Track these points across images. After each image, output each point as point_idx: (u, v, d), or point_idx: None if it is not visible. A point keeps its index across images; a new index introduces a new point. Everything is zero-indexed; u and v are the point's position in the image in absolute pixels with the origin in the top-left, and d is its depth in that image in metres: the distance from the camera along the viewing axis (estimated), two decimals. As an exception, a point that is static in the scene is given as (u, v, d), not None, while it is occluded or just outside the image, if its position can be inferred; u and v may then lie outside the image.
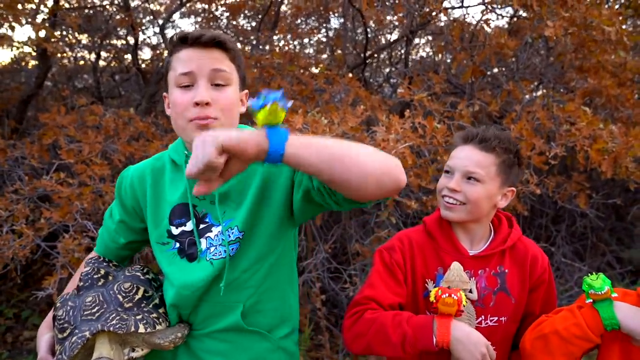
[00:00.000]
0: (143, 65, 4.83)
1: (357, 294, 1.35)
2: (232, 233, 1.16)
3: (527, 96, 3.33)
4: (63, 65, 5.08)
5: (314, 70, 3.81)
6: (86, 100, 3.48)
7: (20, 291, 3.74)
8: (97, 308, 1.13)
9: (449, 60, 3.91)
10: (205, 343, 1.20)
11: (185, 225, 1.18)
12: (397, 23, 3.98)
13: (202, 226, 1.18)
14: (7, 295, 3.75)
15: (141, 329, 1.11)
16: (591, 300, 1.15)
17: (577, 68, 3.62)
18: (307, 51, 5.18)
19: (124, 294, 1.17)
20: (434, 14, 2.79)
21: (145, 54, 5.45)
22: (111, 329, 1.09)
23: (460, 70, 3.42)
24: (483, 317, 1.31)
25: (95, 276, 1.20)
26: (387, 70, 4.93)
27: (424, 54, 5.12)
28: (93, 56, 4.88)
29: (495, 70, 4.01)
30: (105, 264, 1.28)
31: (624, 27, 4.90)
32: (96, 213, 2.65)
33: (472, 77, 3.12)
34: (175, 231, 1.19)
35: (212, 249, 1.17)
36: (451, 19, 3.38)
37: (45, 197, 2.89)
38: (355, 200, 0.99)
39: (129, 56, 5.06)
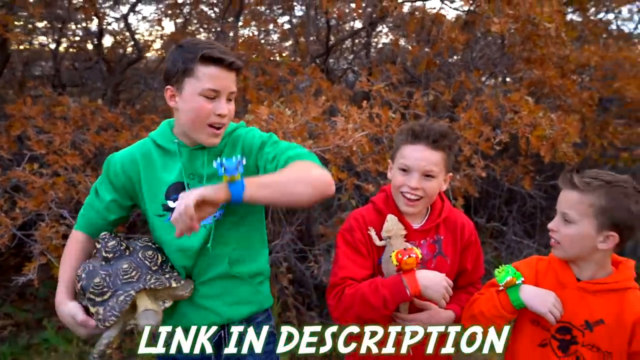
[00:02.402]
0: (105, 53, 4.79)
1: (331, 278, 1.57)
2: None
3: (480, 86, 3.57)
4: (19, 51, 4.95)
5: (278, 59, 3.94)
6: (51, 91, 3.50)
7: (-11, 281, 3.77)
8: (134, 272, 1.40)
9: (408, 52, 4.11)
10: (200, 290, 1.50)
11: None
12: (357, 15, 4.14)
13: None
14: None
15: (173, 284, 1.43)
16: (504, 286, 1.42)
17: (524, 60, 3.89)
18: (271, 38, 5.25)
19: (149, 260, 1.45)
20: (390, 9, 2.96)
21: (106, 41, 5.39)
22: (152, 286, 1.38)
23: (417, 61, 3.62)
24: None
25: (121, 248, 1.45)
26: (351, 57, 5.08)
27: (387, 41, 5.29)
28: (52, 44, 4.80)
29: (455, 58, 4.23)
30: (119, 238, 1.49)
31: (570, 17, 5.23)
32: (69, 202, 2.75)
33: (427, 68, 3.33)
34: (172, 204, 1.44)
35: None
36: (407, 12, 3.57)
37: (16, 188, 2.95)
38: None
39: (90, 45, 5.00)
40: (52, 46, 4.83)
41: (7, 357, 3.10)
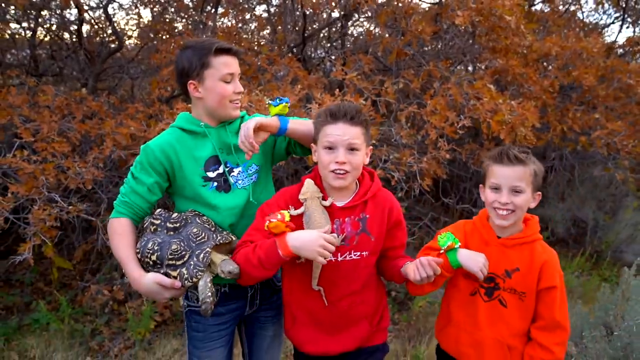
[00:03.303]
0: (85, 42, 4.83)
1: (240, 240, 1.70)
2: (252, 168, 1.83)
3: (447, 75, 3.79)
4: (-7, 39, 4.92)
5: (256, 48, 4.08)
6: (35, 80, 3.58)
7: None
8: (203, 234, 1.64)
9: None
10: None
11: (218, 169, 1.76)
12: (330, 7, 4.30)
13: (226, 169, 1.78)
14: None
15: (233, 239, 1.69)
16: (444, 250, 1.66)
17: (490, 49, 4.11)
18: (248, 27, 5.34)
19: (207, 224, 1.69)
20: (362, 2, 3.13)
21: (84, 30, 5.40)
22: (220, 242, 1.65)
23: (388, 51, 3.82)
24: (348, 252, 1.67)
25: (183, 217, 1.68)
26: (328, 45, 5.23)
27: (362, 30, 5.45)
28: (28, 32, 4.81)
29: (428, 48, 4.43)
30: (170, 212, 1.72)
31: (540, 7, 5.47)
32: (58, 187, 2.88)
33: (398, 57, 3.54)
34: (212, 175, 1.76)
35: (240, 181, 1.80)
36: (381, 2, 3.75)
37: (4, 174, 3.06)
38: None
39: (67, 33, 5.02)
40: (28, 34, 4.83)
41: (0, 337, 3.22)
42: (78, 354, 3.15)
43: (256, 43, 4.37)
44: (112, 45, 4.93)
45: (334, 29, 4.99)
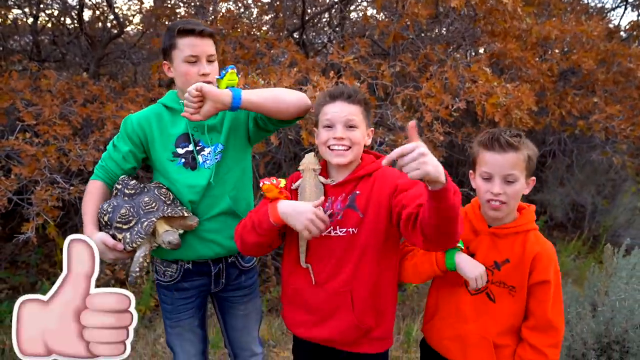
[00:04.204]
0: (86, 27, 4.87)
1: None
2: (218, 147, 1.82)
3: (444, 58, 3.80)
4: (-5, 25, 4.96)
5: (257, 33, 4.10)
6: (37, 65, 3.64)
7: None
8: (153, 204, 1.72)
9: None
10: (206, 225, 1.81)
11: (187, 147, 1.81)
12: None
13: (197, 148, 1.81)
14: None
15: (185, 214, 1.74)
16: None
17: (489, 33, 4.11)
18: (250, 12, 5.36)
19: (164, 196, 1.75)
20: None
21: (85, 15, 5.43)
22: (169, 214, 1.70)
23: (386, 35, 3.83)
24: (332, 228, 1.63)
25: (140, 186, 1.77)
26: (330, 31, 5.24)
27: (361, 14, 5.44)
28: (30, 18, 4.85)
29: (427, 32, 4.43)
30: (137, 179, 1.79)
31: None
32: (60, 170, 2.95)
33: (395, 41, 3.55)
34: (181, 151, 1.81)
35: (208, 161, 1.81)
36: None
37: (7, 156, 3.13)
38: (282, 120, 1.75)
39: (68, 19, 5.06)
40: (30, 20, 4.88)
41: (7, 315, 3.32)
42: (82, 331, 3.24)
43: (255, 27, 4.39)
44: (114, 31, 4.96)
45: (333, 12, 4.99)
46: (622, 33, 5.69)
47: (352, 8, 5.06)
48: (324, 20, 5.18)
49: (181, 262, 1.86)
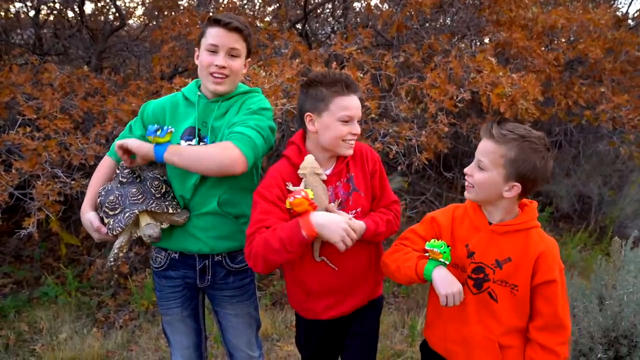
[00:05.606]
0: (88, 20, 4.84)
1: (248, 228, 1.63)
2: None
3: (449, 48, 3.75)
4: (-3, 18, 4.93)
5: (258, 24, 4.06)
6: (38, 58, 3.61)
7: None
8: (140, 196, 1.72)
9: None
10: (194, 221, 1.81)
11: (191, 141, 1.78)
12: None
13: (201, 143, 1.77)
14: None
15: (170, 211, 1.74)
16: (429, 254, 1.54)
17: (494, 22, 4.05)
18: (252, 2, 5.30)
19: (155, 189, 1.76)
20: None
21: (86, 8, 5.39)
22: (152, 209, 1.70)
23: (390, 26, 3.77)
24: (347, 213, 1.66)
25: (134, 175, 1.78)
26: (334, 22, 5.19)
27: (364, 4, 5.38)
28: (31, 11, 4.82)
29: (432, 22, 4.37)
30: (135, 168, 1.79)
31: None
32: (62, 164, 2.93)
33: (398, 31, 3.50)
34: (184, 144, 1.77)
35: None
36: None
37: (8, 151, 3.12)
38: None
39: (70, 12, 5.03)
40: (32, 13, 4.85)
41: (11, 309, 3.33)
42: (85, 325, 3.25)
43: (258, 19, 4.34)
44: (116, 24, 4.93)
45: (336, 2, 4.93)
46: (629, 21, 5.60)
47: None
48: (327, 10, 5.13)
49: (169, 250, 1.89)
